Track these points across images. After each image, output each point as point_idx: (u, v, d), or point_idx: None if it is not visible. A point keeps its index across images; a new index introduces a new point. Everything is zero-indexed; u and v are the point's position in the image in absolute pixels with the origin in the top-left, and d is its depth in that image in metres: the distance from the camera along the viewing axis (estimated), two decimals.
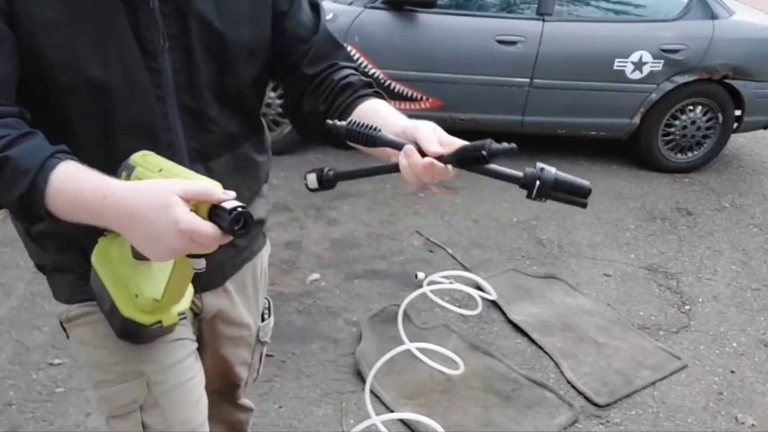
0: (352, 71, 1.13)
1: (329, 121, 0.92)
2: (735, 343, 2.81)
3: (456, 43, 4.13)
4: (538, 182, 0.84)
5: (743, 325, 2.94)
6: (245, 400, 1.61)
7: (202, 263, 0.91)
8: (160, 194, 0.77)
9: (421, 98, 4.18)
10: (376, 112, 1.02)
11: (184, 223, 0.76)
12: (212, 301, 1.24)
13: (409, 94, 4.17)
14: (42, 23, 0.90)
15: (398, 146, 0.89)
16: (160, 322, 1.03)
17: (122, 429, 1.13)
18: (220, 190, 0.79)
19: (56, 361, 2.41)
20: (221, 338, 1.33)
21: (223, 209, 0.78)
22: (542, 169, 0.85)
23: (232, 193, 0.81)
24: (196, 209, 0.79)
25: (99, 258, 1.04)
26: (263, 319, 1.42)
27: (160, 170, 0.89)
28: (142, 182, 0.82)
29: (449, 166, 0.87)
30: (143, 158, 0.92)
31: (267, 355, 2.43)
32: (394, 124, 0.94)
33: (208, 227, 0.77)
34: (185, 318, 1.08)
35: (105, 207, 0.80)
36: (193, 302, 1.21)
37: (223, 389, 1.46)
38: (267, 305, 1.45)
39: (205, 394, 1.22)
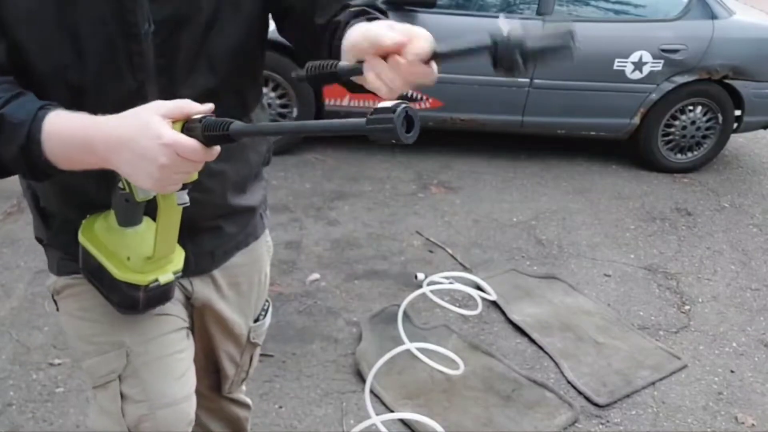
0: (355, 7, 1.03)
1: (293, 73, 0.90)
2: (735, 343, 2.81)
3: None
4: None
5: (743, 325, 2.94)
6: (241, 396, 1.61)
7: (185, 197, 0.94)
8: (142, 115, 0.82)
9: (422, 98, 4.19)
10: (350, 37, 0.93)
11: (166, 137, 0.80)
12: (201, 288, 1.24)
13: (410, 94, 4.12)
14: (18, 12, 0.91)
15: (358, 71, 0.84)
16: (157, 280, 1.05)
17: (103, 399, 1.14)
18: (195, 105, 0.83)
19: (56, 361, 2.41)
20: (209, 331, 1.33)
21: (193, 120, 0.82)
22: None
23: (209, 106, 0.85)
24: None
25: (85, 234, 1.07)
26: (257, 320, 1.41)
27: None
28: (125, 112, 0.85)
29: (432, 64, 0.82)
30: None
31: (267, 355, 2.46)
32: (353, 37, 0.88)
33: (189, 140, 0.81)
34: (180, 276, 1.09)
35: (93, 136, 0.84)
36: (183, 285, 1.22)
37: (211, 383, 1.46)
38: (265, 307, 1.43)
39: (192, 371, 1.21)
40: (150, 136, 0.80)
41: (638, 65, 4.19)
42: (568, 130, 4.43)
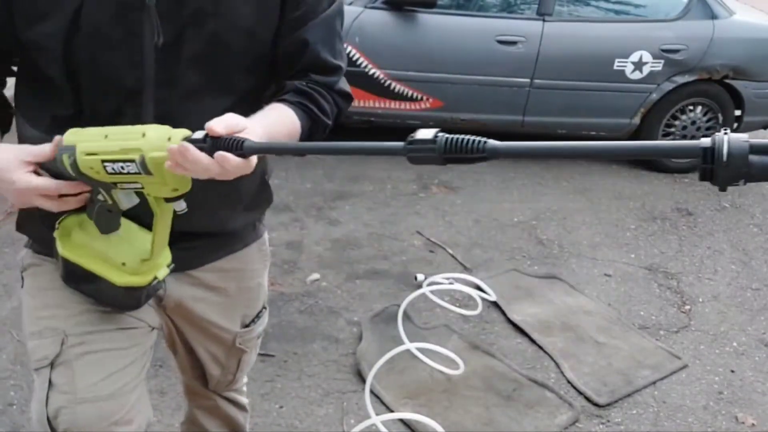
0: (309, 85, 1.11)
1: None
2: (735, 343, 2.81)
3: (456, 44, 4.13)
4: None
5: (743, 324, 2.94)
6: (238, 397, 1.60)
7: (182, 204, 0.95)
8: (4, 161, 0.98)
9: (422, 98, 4.19)
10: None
11: (19, 183, 0.98)
12: (174, 287, 1.23)
13: (410, 95, 4.17)
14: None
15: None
16: (155, 277, 1.07)
17: (37, 383, 1.15)
18: (47, 146, 0.98)
19: None
20: (182, 329, 1.33)
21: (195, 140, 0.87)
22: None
23: (57, 137, 0.97)
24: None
25: (67, 248, 1.06)
26: (248, 326, 1.38)
27: (106, 136, 0.93)
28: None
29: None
30: (77, 135, 0.95)
31: (269, 355, 2.46)
32: None
33: (41, 180, 0.98)
34: (173, 267, 1.11)
35: None
36: None
37: (199, 379, 1.46)
38: (259, 315, 1.41)
39: (130, 371, 1.17)
40: (7, 180, 0.98)
41: (638, 65, 4.19)
42: (569, 130, 4.43)
